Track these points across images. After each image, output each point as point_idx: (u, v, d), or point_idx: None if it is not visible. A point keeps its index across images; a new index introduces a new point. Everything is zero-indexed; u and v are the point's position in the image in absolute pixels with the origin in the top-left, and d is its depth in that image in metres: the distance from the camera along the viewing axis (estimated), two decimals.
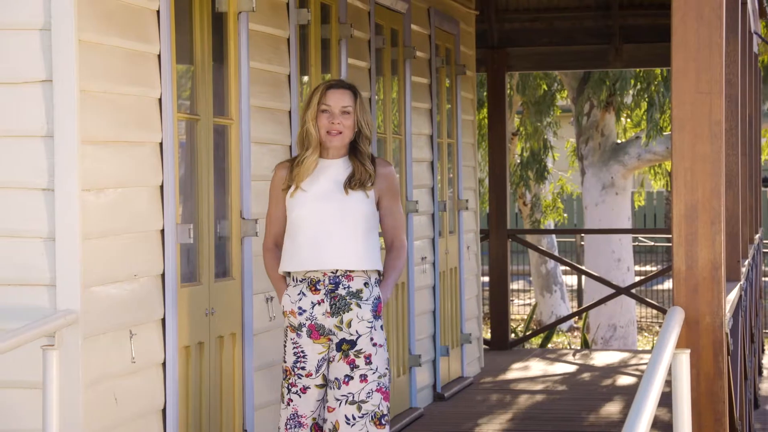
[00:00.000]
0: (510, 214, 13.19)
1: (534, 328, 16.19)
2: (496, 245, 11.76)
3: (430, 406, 8.79)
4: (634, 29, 11.60)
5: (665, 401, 4.73)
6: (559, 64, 12.54)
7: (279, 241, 5.08)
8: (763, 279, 11.41)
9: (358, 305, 4.94)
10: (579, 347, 14.96)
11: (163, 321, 5.10)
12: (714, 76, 4.74)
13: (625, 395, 9.38)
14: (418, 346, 8.63)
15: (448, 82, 9.71)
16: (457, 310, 9.74)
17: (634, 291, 12.75)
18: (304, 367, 4.97)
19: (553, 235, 18.17)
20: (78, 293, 4.54)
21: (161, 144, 5.11)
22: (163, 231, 5.11)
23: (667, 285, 19.32)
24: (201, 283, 5.45)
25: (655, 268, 21.12)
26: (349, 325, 4.94)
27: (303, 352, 4.97)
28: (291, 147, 6.39)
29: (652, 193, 27.28)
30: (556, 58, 12.03)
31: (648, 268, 21.53)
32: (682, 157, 4.77)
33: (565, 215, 18.30)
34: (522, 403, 9.12)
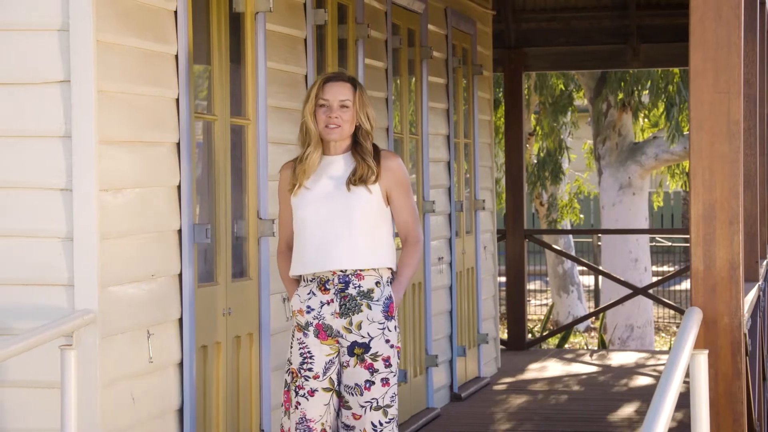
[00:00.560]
0: (527, 214, 13.18)
1: (551, 328, 16.17)
2: (513, 245, 11.74)
3: (446, 407, 8.78)
4: (652, 29, 11.58)
5: (683, 402, 4.72)
6: (576, 64, 12.52)
7: (291, 244, 4.91)
8: None
9: (369, 306, 4.75)
10: (596, 348, 14.93)
11: (180, 321, 5.10)
12: (732, 76, 4.72)
13: (643, 396, 9.36)
14: (435, 346, 8.62)
15: (465, 82, 9.71)
16: (474, 310, 9.74)
17: (651, 291, 12.72)
18: (311, 368, 4.77)
19: (570, 236, 18.14)
20: (96, 293, 4.55)
21: (178, 144, 5.12)
22: (180, 231, 5.12)
23: (685, 285, 19.27)
24: (218, 283, 5.45)
25: (672, 269, 21.07)
26: (359, 327, 4.75)
27: (310, 352, 4.77)
28: None
29: (669, 193, 27.22)
30: (573, 58, 12.01)
31: (665, 269, 21.48)
32: (700, 157, 4.75)
33: (581, 216, 18.27)
34: (539, 403, 9.10)
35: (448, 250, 9.00)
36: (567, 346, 14.73)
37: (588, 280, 20.38)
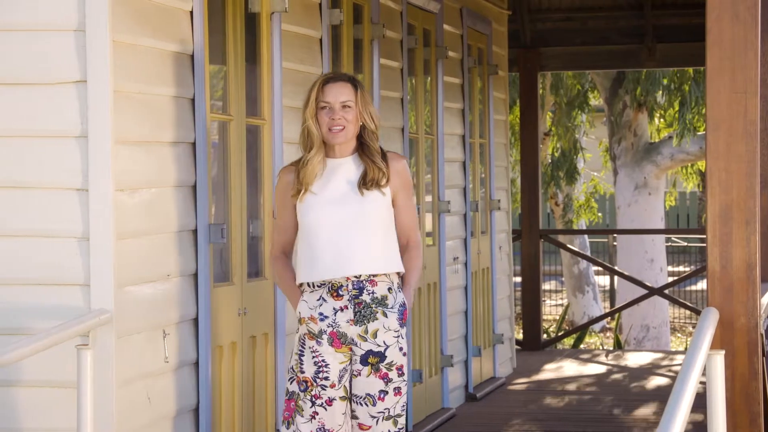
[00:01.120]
0: (542, 214, 13.17)
1: (566, 328, 16.14)
2: (528, 245, 11.73)
3: (462, 407, 8.77)
4: (668, 29, 11.55)
5: (699, 402, 4.71)
6: (592, 63, 12.50)
7: (287, 250, 4.75)
8: None
9: (384, 314, 4.61)
10: (612, 348, 14.91)
11: (195, 321, 5.11)
12: (749, 76, 4.71)
13: (659, 396, 9.34)
14: (451, 346, 8.62)
15: (480, 82, 9.70)
16: (490, 310, 9.73)
17: (667, 291, 12.69)
18: (327, 377, 4.60)
19: (586, 236, 18.11)
20: (112, 293, 4.56)
21: (194, 144, 5.13)
22: (195, 231, 5.12)
23: (701, 286, 19.22)
24: (233, 283, 5.46)
25: (688, 269, 21.02)
26: (375, 335, 4.60)
27: (324, 361, 4.60)
28: None
29: (684, 193, 27.16)
30: (589, 57, 11.99)
31: (681, 269, 21.43)
32: (716, 157, 4.74)
33: (599, 214, 18.23)
34: (554, 403, 9.09)
35: (463, 250, 8.99)
36: (582, 346, 14.70)
37: (603, 281, 20.33)
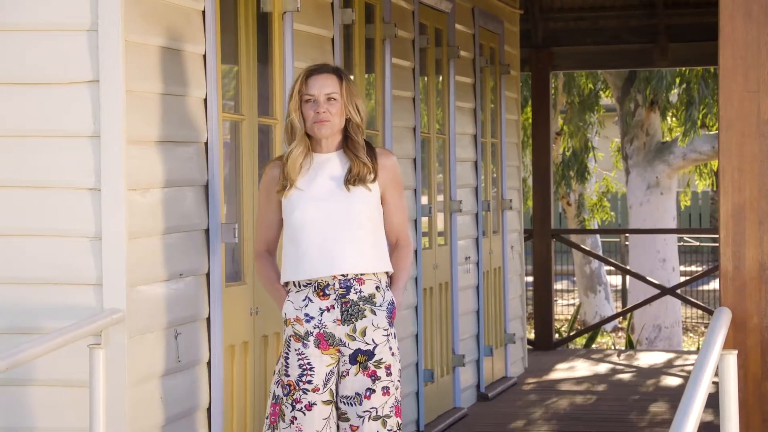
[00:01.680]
0: (554, 214, 13.15)
1: (578, 328, 16.13)
2: (540, 245, 11.72)
3: (473, 406, 8.77)
4: (680, 28, 11.53)
5: (712, 402, 4.70)
6: (604, 63, 12.48)
7: (271, 247, 4.62)
8: None
9: (373, 312, 4.47)
10: (623, 348, 14.89)
11: (208, 320, 5.12)
12: (762, 75, 4.70)
13: (671, 396, 9.32)
14: (462, 346, 8.61)
15: (492, 81, 9.69)
16: (501, 310, 9.72)
17: (679, 291, 12.67)
18: (310, 381, 4.45)
19: (597, 235, 18.09)
20: (124, 292, 4.56)
21: (206, 144, 5.13)
22: (208, 230, 5.13)
23: (713, 285, 19.19)
24: (245, 283, 5.46)
25: (700, 269, 20.98)
26: (363, 333, 4.46)
27: (310, 364, 4.46)
28: None
29: (697, 192, 27.11)
30: (601, 57, 11.97)
31: (693, 269, 21.40)
32: (729, 157, 4.73)
33: (612, 213, 18.21)
34: (566, 403, 9.08)
35: (475, 250, 8.99)
36: (594, 346, 14.68)
37: (615, 280, 20.30)
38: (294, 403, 4.48)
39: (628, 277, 17.49)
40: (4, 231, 4.64)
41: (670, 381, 10.08)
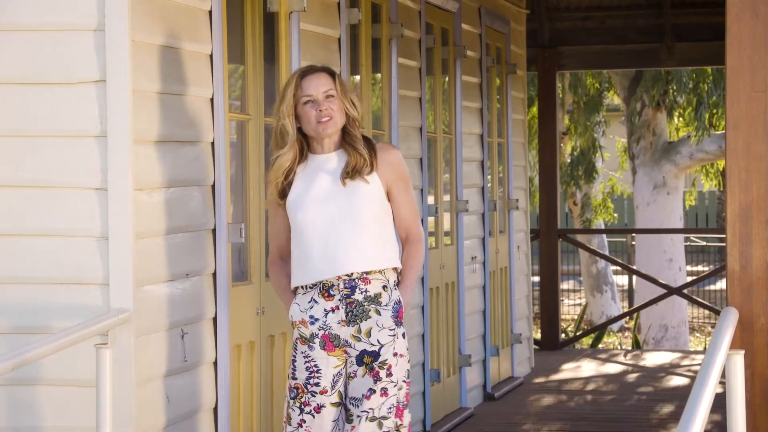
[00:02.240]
0: (560, 214, 13.15)
1: (584, 328, 16.12)
2: (547, 245, 11.71)
3: (480, 406, 8.77)
4: (687, 27, 11.52)
5: (719, 402, 4.70)
6: (611, 63, 12.47)
7: (284, 254, 4.58)
8: None
9: (378, 312, 4.41)
10: (630, 348, 14.88)
11: (214, 320, 5.12)
12: None
13: (678, 396, 9.31)
14: (468, 345, 8.61)
15: (499, 81, 9.69)
16: (508, 309, 9.72)
17: (686, 291, 12.66)
18: (318, 383, 4.42)
19: (604, 235, 18.08)
20: (130, 292, 4.56)
21: (213, 143, 5.13)
22: (214, 230, 5.13)
23: (719, 285, 19.17)
24: (252, 283, 5.47)
25: (706, 269, 20.96)
26: (368, 334, 4.41)
27: (317, 366, 4.43)
28: None
29: (703, 192, 27.08)
30: (608, 57, 11.97)
31: (700, 268, 21.38)
32: (736, 157, 4.73)
33: (615, 215, 18.19)
34: (573, 403, 9.08)
35: (481, 250, 8.99)
36: (601, 346, 14.67)
37: (622, 280, 20.29)
38: (303, 406, 4.44)
39: (634, 277, 17.47)
40: (11, 231, 4.65)
41: (676, 381, 10.07)
